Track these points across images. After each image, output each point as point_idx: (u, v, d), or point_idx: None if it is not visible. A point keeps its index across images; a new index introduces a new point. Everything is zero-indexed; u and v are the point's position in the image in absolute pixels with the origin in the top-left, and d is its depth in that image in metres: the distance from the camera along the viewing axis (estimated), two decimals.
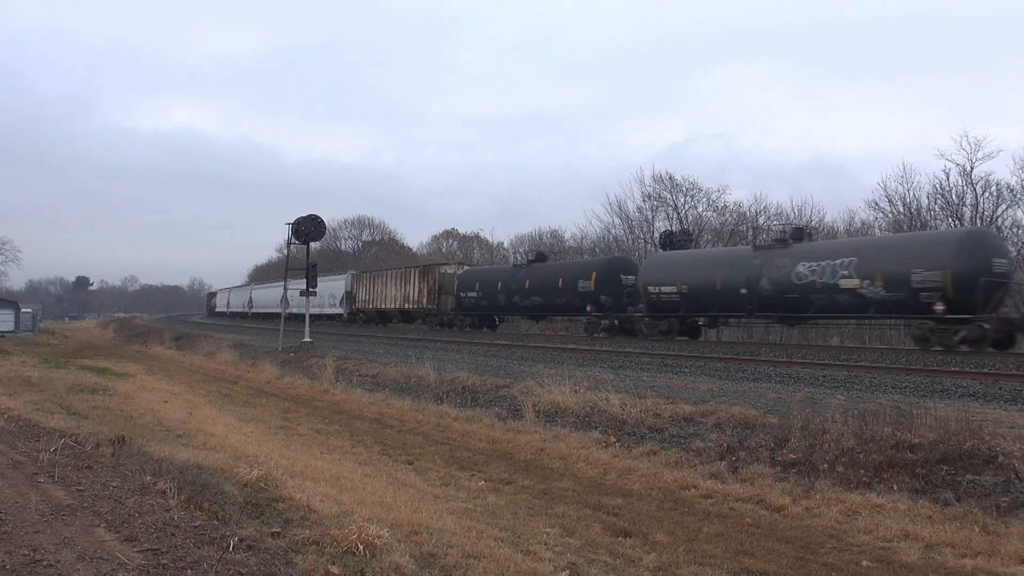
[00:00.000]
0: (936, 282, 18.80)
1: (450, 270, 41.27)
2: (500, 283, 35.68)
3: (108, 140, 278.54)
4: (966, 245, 19.22)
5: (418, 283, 42.81)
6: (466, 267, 43.66)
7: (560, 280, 31.91)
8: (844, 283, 20.81)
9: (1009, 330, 19.07)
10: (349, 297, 50.21)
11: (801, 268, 22.06)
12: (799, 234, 24.27)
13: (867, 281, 20.22)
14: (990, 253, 19.24)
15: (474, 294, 37.67)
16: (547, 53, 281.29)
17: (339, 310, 51.46)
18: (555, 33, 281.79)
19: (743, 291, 23.65)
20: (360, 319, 49.14)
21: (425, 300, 41.84)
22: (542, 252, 38.28)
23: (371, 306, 47.83)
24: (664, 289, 26.56)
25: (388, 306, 45.86)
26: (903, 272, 19.48)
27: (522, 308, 35.12)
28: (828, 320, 25.01)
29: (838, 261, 21.17)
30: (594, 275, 29.89)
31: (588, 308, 29.37)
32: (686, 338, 26.51)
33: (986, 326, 18.16)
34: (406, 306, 43.92)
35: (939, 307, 18.74)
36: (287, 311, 36.58)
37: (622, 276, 29.71)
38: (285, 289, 36.39)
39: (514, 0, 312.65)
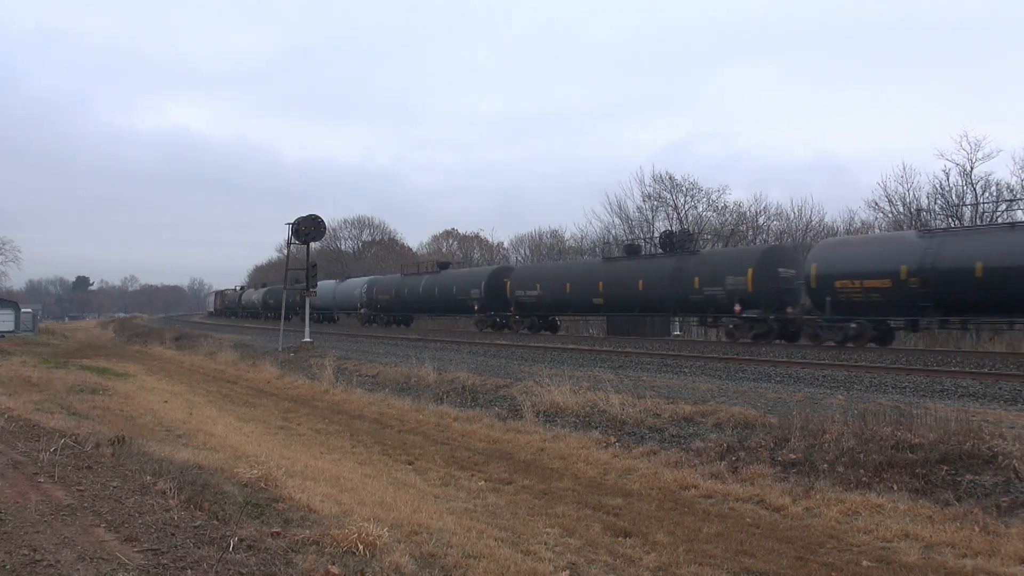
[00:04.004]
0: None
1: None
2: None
3: (106, 140, 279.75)
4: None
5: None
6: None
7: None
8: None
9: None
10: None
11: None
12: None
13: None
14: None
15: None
16: (547, 54, 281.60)
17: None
18: (555, 34, 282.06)
19: None
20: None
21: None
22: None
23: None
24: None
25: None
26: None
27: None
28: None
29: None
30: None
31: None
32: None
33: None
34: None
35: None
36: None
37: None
38: (285, 290, 36.46)
39: (515, 0, 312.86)
